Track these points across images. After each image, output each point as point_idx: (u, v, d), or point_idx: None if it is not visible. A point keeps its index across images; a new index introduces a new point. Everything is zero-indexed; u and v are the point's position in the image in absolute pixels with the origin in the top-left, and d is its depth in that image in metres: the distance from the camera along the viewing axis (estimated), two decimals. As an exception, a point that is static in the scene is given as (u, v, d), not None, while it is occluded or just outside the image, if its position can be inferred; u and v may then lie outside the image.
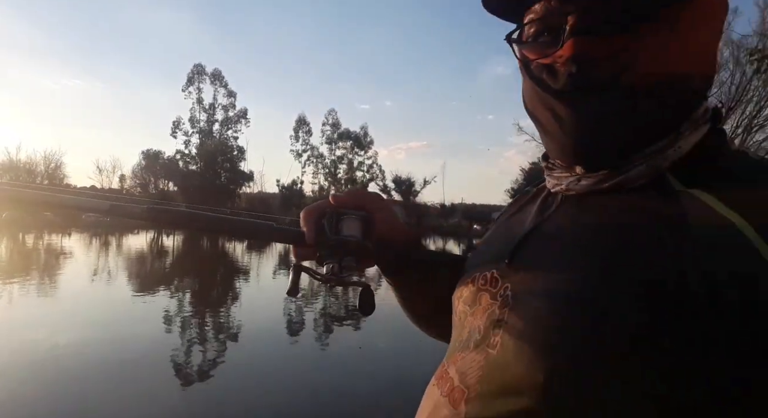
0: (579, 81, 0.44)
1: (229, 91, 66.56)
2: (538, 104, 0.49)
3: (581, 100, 0.44)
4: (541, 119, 0.50)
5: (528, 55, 0.50)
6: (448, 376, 0.50)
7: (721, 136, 0.46)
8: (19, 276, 13.35)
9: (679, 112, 0.45)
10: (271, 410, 4.63)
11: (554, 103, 0.46)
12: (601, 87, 0.44)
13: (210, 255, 26.46)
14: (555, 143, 0.48)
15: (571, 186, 0.49)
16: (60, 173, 68.61)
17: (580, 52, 0.43)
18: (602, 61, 0.43)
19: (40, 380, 5.14)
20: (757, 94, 18.37)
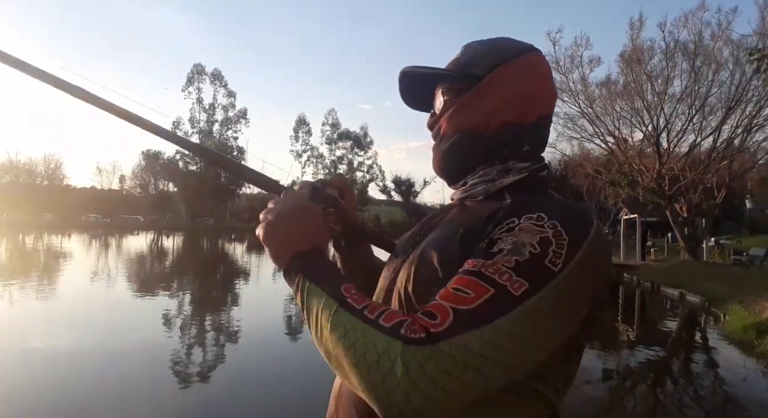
0: (433, 137, 0.82)
1: (228, 91, 66.60)
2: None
3: (434, 147, 0.81)
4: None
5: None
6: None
7: (542, 178, 0.75)
8: (19, 277, 13.35)
9: (478, 153, 0.75)
10: (271, 410, 4.62)
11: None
12: (435, 140, 0.81)
13: (210, 256, 26.45)
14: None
15: (454, 196, 0.82)
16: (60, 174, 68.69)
17: (428, 124, 0.83)
18: (431, 128, 0.82)
19: (40, 380, 5.13)
20: (756, 93, 18.34)
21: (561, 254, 0.57)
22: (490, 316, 0.53)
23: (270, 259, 0.69)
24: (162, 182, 70.25)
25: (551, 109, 0.78)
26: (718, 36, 18.93)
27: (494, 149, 0.74)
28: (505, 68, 0.74)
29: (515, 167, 0.74)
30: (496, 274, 0.56)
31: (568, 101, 21.36)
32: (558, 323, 0.57)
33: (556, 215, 0.62)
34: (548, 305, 0.55)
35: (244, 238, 41.76)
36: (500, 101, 0.73)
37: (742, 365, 6.67)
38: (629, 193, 20.16)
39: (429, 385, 0.50)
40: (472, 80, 0.75)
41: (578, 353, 0.68)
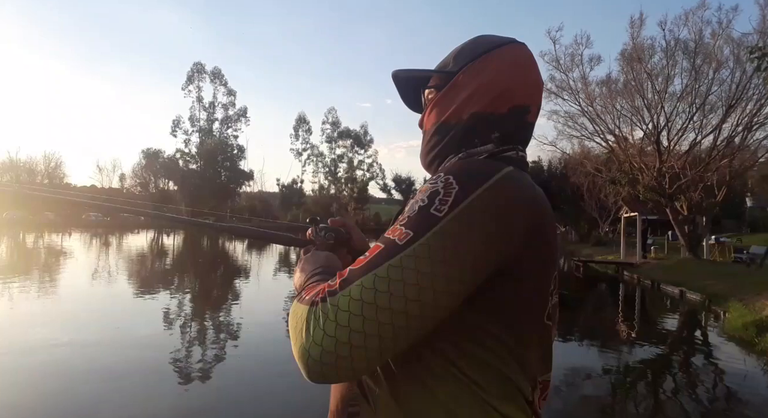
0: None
1: (228, 89, 66.54)
2: None
3: (421, 144, 0.86)
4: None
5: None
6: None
7: (505, 159, 0.76)
8: (20, 276, 13.35)
9: (451, 145, 0.79)
10: (271, 410, 4.63)
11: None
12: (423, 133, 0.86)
13: (210, 255, 26.46)
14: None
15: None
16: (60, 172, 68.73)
17: (418, 123, 0.88)
18: (421, 126, 0.87)
19: (39, 380, 5.14)
20: (757, 92, 18.32)
21: (447, 200, 0.61)
22: (372, 266, 0.59)
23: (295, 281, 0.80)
24: (162, 181, 70.25)
25: (530, 99, 0.79)
26: (718, 34, 18.92)
27: (465, 139, 0.77)
28: (476, 63, 0.78)
29: (475, 151, 0.76)
30: (390, 232, 0.62)
31: (568, 99, 21.36)
32: (448, 267, 0.58)
33: (453, 170, 0.66)
34: (435, 249, 0.58)
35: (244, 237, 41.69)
36: (469, 94, 0.77)
37: (743, 363, 6.67)
38: (629, 192, 20.19)
39: (323, 337, 0.56)
40: (448, 77, 0.80)
41: (508, 314, 0.65)
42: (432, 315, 0.58)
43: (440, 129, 0.80)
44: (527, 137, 0.81)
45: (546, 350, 0.72)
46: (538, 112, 0.81)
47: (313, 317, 0.58)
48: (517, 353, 0.66)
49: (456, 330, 0.64)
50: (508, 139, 0.77)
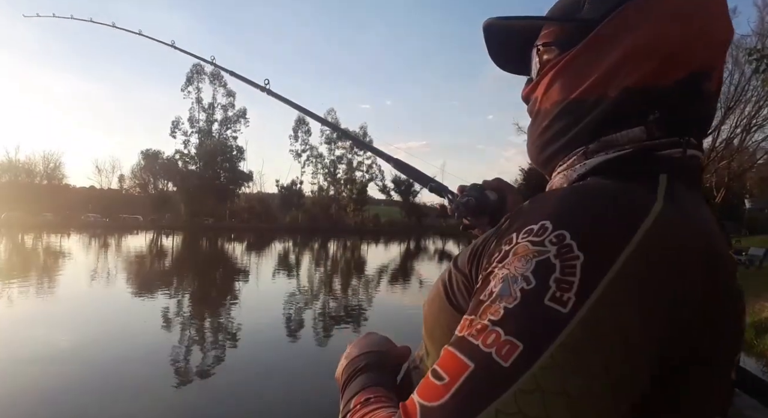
0: (529, 113, 0.61)
1: (228, 90, 66.51)
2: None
3: (529, 127, 0.61)
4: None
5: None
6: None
7: (661, 158, 0.50)
8: (18, 277, 13.34)
9: (585, 133, 0.52)
10: (270, 410, 4.63)
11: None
12: (531, 117, 0.60)
13: (209, 256, 26.44)
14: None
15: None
16: (59, 173, 68.68)
17: (522, 95, 0.62)
18: (526, 100, 0.61)
19: (39, 380, 5.13)
20: (755, 94, 18.38)
21: (571, 283, 0.37)
22: (461, 406, 0.37)
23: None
24: (161, 182, 70.22)
25: (714, 59, 0.51)
26: (717, 36, 18.96)
27: (608, 124, 0.51)
28: (632, 5, 0.50)
29: (617, 142, 0.50)
30: (482, 336, 0.39)
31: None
32: (594, 396, 0.36)
33: (567, 217, 0.42)
34: (564, 370, 0.36)
35: (243, 238, 41.74)
36: (621, 56, 0.50)
37: (742, 364, 6.69)
38: (629, 193, 20.20)
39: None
40: (581, 29, 0.53)
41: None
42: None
43: (569, 109, 0.53)
44: (707, 116, 0.53)
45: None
46: (721, 76, 0.54)
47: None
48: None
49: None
50: (674, 122, 0.50)
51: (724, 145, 19.25)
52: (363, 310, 10.86)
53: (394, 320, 9.65)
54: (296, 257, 25.79)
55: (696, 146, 0.51)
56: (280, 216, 65.86)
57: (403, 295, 13.41)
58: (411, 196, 64.79)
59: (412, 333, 0.67)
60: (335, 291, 13.81)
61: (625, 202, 0.42)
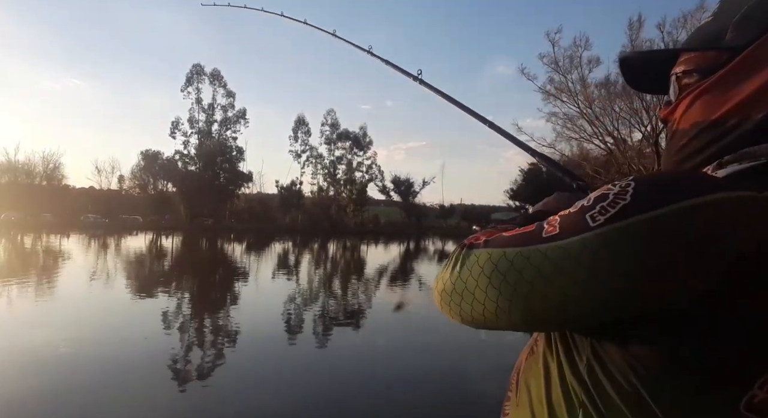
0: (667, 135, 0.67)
1: (228, 91, 66.48)
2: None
3: (665, 147, 0.66)
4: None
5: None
6: None
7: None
8: (18, 277, 13.32)
9: (724, 150, 0.55)
10: (270, 410, 4.61)
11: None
12: (668, 138, 0.66)
13: (209, 256, 26.42)
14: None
15: None
16: (59, 174, 68.61)
17: (661, 116, 0.67)
18: (665, 122, 0.65)
19: (39, 380, 5.12)
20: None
21: (609, 211, 0.48)
22: (506, 243, 0.56)
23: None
24: (161, 182, 70.19)
25: None
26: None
27: (747, 143, 0.53)
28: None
29: (754, 154, 0.52)
30: (550, 219, 0.55)
31: (567, 101, 21.47)
32: (571, 281, 0.49)
33: (644, 177, 0.51)
34: (565, 256, 0.49)
35: (243, 238, 41.73)
36: (766, 81, 0.52)
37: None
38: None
39: (449, 276, 0.61)
40: (723, 56, 0.56)
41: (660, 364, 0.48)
42: (523, 321, 0.54)
43: (709, 130, 0.56)
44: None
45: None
46: None
47: (455, 257, 0.62)
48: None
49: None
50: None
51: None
52: (362, 310, 10.85)
53: (392, 320, 9.64)
54: (296, 258, 25.78)
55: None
56: (280, 216, 65.82)
57: (403, 295, 13.39)
58: (411, 197, 64.78)
59: (408, 335, 0.69)
60: (335, 292, 13.79)
61: (689, 182, 0.48)
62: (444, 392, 5.32)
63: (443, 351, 7.05)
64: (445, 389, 5.43)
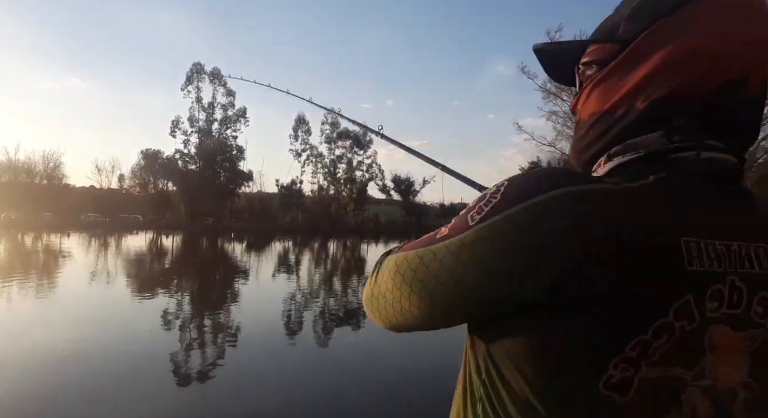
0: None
1: (228, 90, 66.42)
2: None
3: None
4: None
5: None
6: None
7: (673, 160, 0.55)
8: (18, 277, 13.33)
9: (613, 142, 0.59)
10: (270, 409, 4.62)
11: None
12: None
13: (209, 255, 26.43)
14: None
15: None
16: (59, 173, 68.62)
17: (571, 108, 0.70)
18: (574, 112, 0.68)
19: (38, 381, 5.13)
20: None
21: (483, 210, 0.52)
22: (412, 247, 0.60)
23: None
24: (161, 182, 70.20)
25: (750, 64, 0.54)
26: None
27: (632, 132, 0.57)
28: (665, 22, 0.55)
29: (636, 145, 0.56)
30: (449, 223, 0.60)
31: (567, 100, 21.41)
32: (451, 275, 0.53)
33: (517, 176, 0.55)
34: (447, 253, 0.54)
35: (243, 237, 41.75)
36: (651, 71, 0.55)
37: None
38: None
39: (371, 283, 0.66)
40: (618, 48, 0.59)
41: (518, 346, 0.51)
42: (422, 318, 0.59)
43: (602, 119, 0.60)
44: (744, 121, 0.56)
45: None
46: (764, 79, 0.55)
47: (376, 265, 0.68)
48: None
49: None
50: (698, 127, 0.54)
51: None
52: (362, 309, 10.83)
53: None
54: (296, 257, 25.79)
55: (723, 150, 0.55)
56: (280, 216, 65.81)
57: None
58: (411, 196, 64.74)
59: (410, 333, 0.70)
60: (335, 291, 13.80)
61: (545, 180, 0.52)
62: (443, 390, 5.32)
63: (443, 349, 7.06)
64: (444, 386, 5.44)
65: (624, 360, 0.47)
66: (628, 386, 0.48)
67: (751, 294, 0.52)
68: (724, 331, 0.51)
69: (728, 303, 0.51)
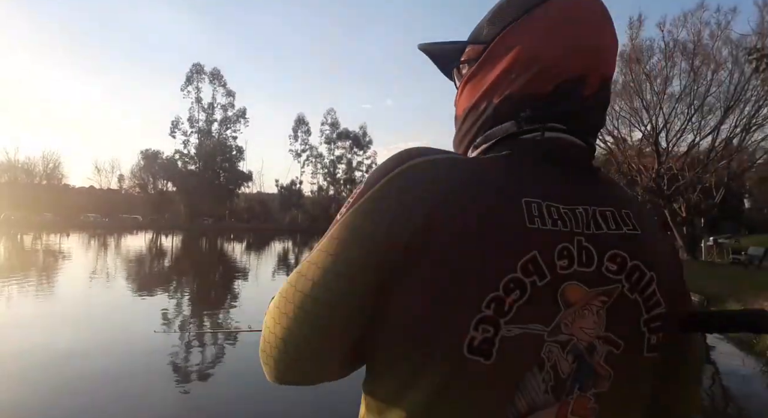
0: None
1: (227, 90, 66.50)
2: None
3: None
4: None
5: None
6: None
7: (517, 142, 0.61)
8: (18, 277, 13.32)
9: (481, 132, 0.63)
10: (270, 407, 4.62)
11: None
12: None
13: (209, 256, 26.42)
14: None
15: None
16: (58, 173, 68.62)
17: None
18: (455, 105, 0.70)
19: (38, 381, 5.13)
20: (755, 93, 18.39)
21: (349, 202, 0.56)
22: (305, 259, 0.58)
23: None
24: (161, 182, 70.20)
25: (587, 67, 0.59)
26: (717, 36, 19.04)
27: (491, 124, 0.62)
28: (514, 27, 0.61)
29: (494, 134, 0.62)
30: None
31: (567, 101, 21.41)
32: (323, 270, 0.53)
33: (378, 165, 0.58)
34: (319, 253, 0.55)
35: (242, 237, 41.74)
36: (502, 70, 0.61)
37: (741, 364, 6.68)
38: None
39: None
40: (482, 48, 0.64)
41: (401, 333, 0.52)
42: (329, 316, 0.54)
43: (471, 114, 0.65)
44: (584, 111, 0.61)
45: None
46: (602, 79, 0.61)
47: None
48: (403, 394, 0.52)
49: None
50: (541, 117, 0.60)
51: (723, 145, 19.26)
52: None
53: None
54: (296, 257, 25.79)
55: (568, 132, 0.60)
56: (280, 216, 65.84)
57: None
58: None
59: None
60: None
61: (406, 153, 0.57)
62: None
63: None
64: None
65: (483, 320, 0.49)
66: (491, 348, 0.49)
67: (600, 253, 0.54)
68: (576, 287, 0.53)
69: (578, 261, 0.53)
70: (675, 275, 0.62)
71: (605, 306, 0.54)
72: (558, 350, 0.51)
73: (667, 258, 0.61)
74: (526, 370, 0.50)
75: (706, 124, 19.93)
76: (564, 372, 0.51)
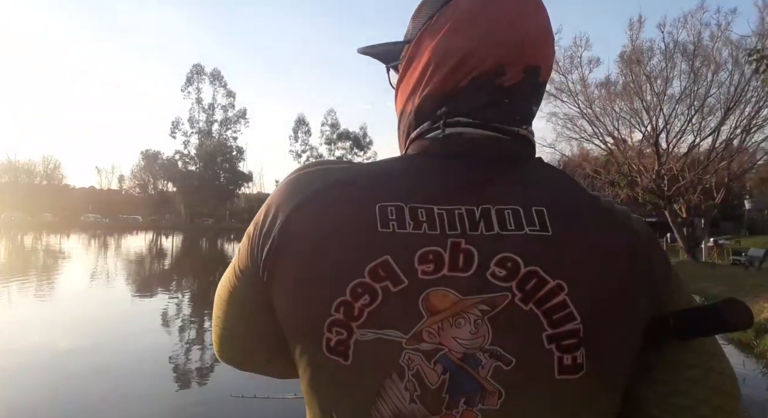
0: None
1: (228, 91, 66.54)
2: None
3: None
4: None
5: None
6: None
7: (426, 141, 0.59)
8: (18, 277, 13.32)
9: (404, 137, 0.63)
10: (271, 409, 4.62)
11: None
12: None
13: (209, 256, 26.43)
14: None
15: None
16: (59, 174, 68.66)
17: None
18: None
19: (38, 381, 5.14)
20: (755, 94, 18.37)
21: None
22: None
23: None
24: (161, 182, 70.21)
25: (503, 58, 0.56)
26: (717, 37, 19.00)
27: (414, 125, 0.61)
28: (431, 25, 0.59)
29: (416, 136, 0.61)
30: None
31: (567, 101, 21.39)
32: (231, 267, 0.61)
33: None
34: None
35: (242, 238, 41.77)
36: (420, 70, 0.59)
37: (741, 365, 6.67)
38: (628, 194, 20.21)
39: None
40: (408, 48, 0.63)
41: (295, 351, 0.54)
42: (239, 333, 0.63)
43: (402, 116, 0.63)
44: (505, 104, 0.58)
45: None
46: (527, 69, 0.58)
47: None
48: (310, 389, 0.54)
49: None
50: (459, 113, 0.57)
51: (723, 146, 19.25)
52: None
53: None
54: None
55: (477, 126, 0.57)
56: (280, 216, 65.49)
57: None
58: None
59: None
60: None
61: (306, 163, 0.60)
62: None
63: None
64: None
65: (334, 323, 0.49)
66: (347, 350, 0.49)
67: (486, 257, 0.49)
68: (443, 293, 0.48)
69: (451, 266, 0.49)
70: (614, 285, 0.51)
71: (486, 316, 0.48)
72: (420, 358, 0.48)
73: (600, 265, 0.51)
74: (385, 376, 0.48)
75: (707, 125, 19.90)
76: (432, 383, 0.48)
